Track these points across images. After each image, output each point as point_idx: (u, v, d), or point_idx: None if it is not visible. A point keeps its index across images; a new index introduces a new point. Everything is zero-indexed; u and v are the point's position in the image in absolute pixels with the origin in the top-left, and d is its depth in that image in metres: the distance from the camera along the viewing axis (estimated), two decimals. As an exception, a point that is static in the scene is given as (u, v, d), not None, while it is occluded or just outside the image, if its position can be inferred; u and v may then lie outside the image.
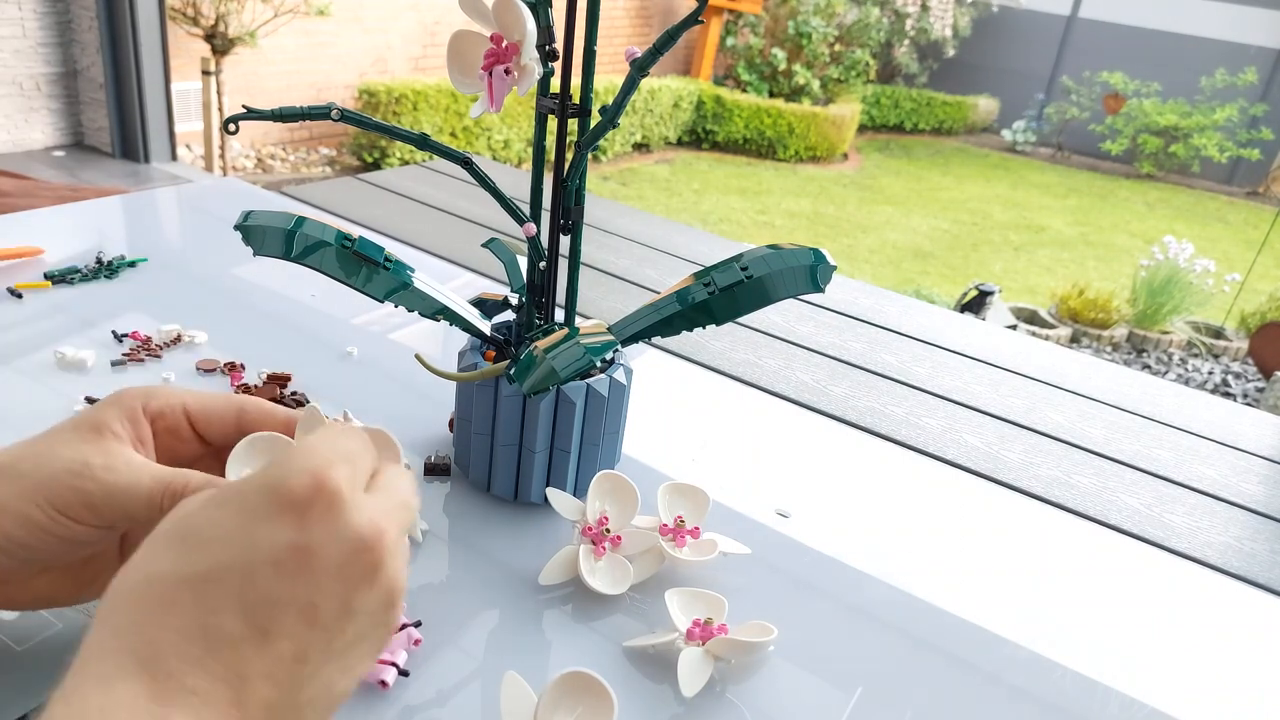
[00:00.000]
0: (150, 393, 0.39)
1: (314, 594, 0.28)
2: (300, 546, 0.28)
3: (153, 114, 3.94)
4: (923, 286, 4.52)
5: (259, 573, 0.28)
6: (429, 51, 5.49)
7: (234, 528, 0.29)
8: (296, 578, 0.28)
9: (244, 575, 0.28)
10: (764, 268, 0.52)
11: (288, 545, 0.28)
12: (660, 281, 1.08)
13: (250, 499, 0.29)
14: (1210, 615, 0.59)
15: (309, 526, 0.29)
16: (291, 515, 0.29)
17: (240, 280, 0.83)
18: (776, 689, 0.46)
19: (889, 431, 0.77)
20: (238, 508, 0.29)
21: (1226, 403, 0.96)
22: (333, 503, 0.29)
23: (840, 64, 7.53)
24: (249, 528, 0.28)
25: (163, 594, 0.27)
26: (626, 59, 0.45)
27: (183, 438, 0.40)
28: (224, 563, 0.28)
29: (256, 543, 0.28)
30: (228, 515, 0.29)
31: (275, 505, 0.29)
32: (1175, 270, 4.14)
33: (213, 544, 0.28)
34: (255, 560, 0.28)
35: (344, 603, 0.29)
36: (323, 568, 0.29)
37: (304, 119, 0.45)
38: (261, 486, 0.29)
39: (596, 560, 0.50)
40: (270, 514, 0.29)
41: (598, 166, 6.02)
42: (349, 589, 0.29)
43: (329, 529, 0.29)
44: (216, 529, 0.29)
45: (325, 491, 0.29)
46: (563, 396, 0.53)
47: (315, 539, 0.29)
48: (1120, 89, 8.16)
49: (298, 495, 0.29)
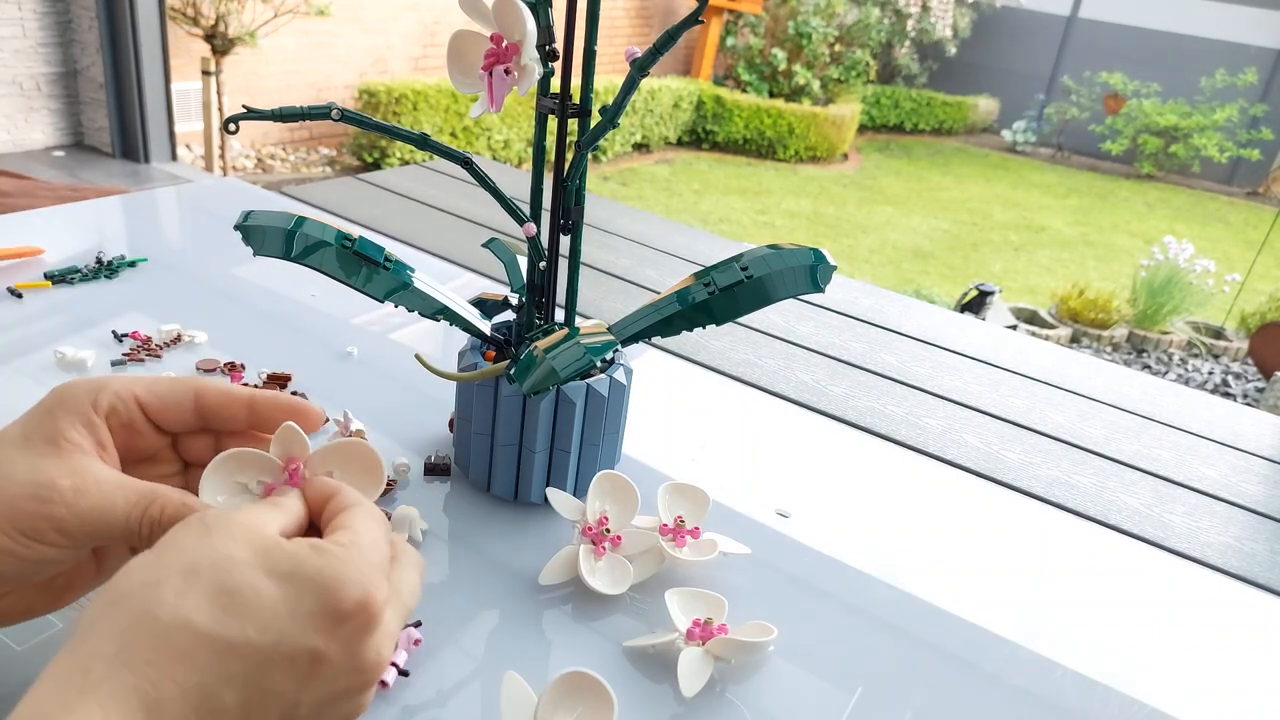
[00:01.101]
0: (98, 386, 0.37)
1: (303, 696, 0.30)
2: (319, 655, 0.29)
3: (153, 114, 3.94)
4: (923, 286, 4.52)
5: (275, 663, 0.29)
6: (429, 51, 5.49)
7: (276, 610, 0.29)
8: (300, 681, 0.29)
9: (263, 660, 0.29)
10: (764, 268, 0.52)
11: (310, 650, 0.29)
12: (660, 281, 1.08)
13: (301, 587, 0.30)
14: (1210, 615, 0.59)
15: (336, 639, 0.30)
16: (329, 622, 0.30)
17: (240, 280, 0.83)
18: (776, 689, 0.46)
19: (889, 431, 0.77)
20: (286, 590, 0.30)
21: (1226, 403, 0.96)
22: (368, 624, 0.30)
23: (840, 64, 7.52)
24: (289, 618, 0.29)
25: (187, 646, 0.28)
26: (626, 59, 0.45)
27: (138, 430, 0.38)
28: (252, 641, 0.28)
29: (288, 634, 0.29)
30: (274, 593, 0.29)
31: (321, 608, 0.30)
32: (1175, 270, 4.14)
33: (251, 618, 0.29)
34: (279, 650, 0.29)
35: (319, 707, 0.30)
36: (323, 678, 0.30)
37: (304, 119, 0.45)
38: (317, 582, 0.30)
39: (596, 560, 0.50)
40: (313, 614, 0.29)
41: (598, 166, 6.02)
42: (330, 701, 0.31)
43: (350, 646, 0.30)
44: (260, 603, 0.29)
45: (368, 612, 0.30)
46: (563, 396, 0.53)
47: (334, 652, 0.30)
48: (1120, 89, 8.16)
49: (344, 608, 0.30)
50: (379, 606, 0.31)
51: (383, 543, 0.33)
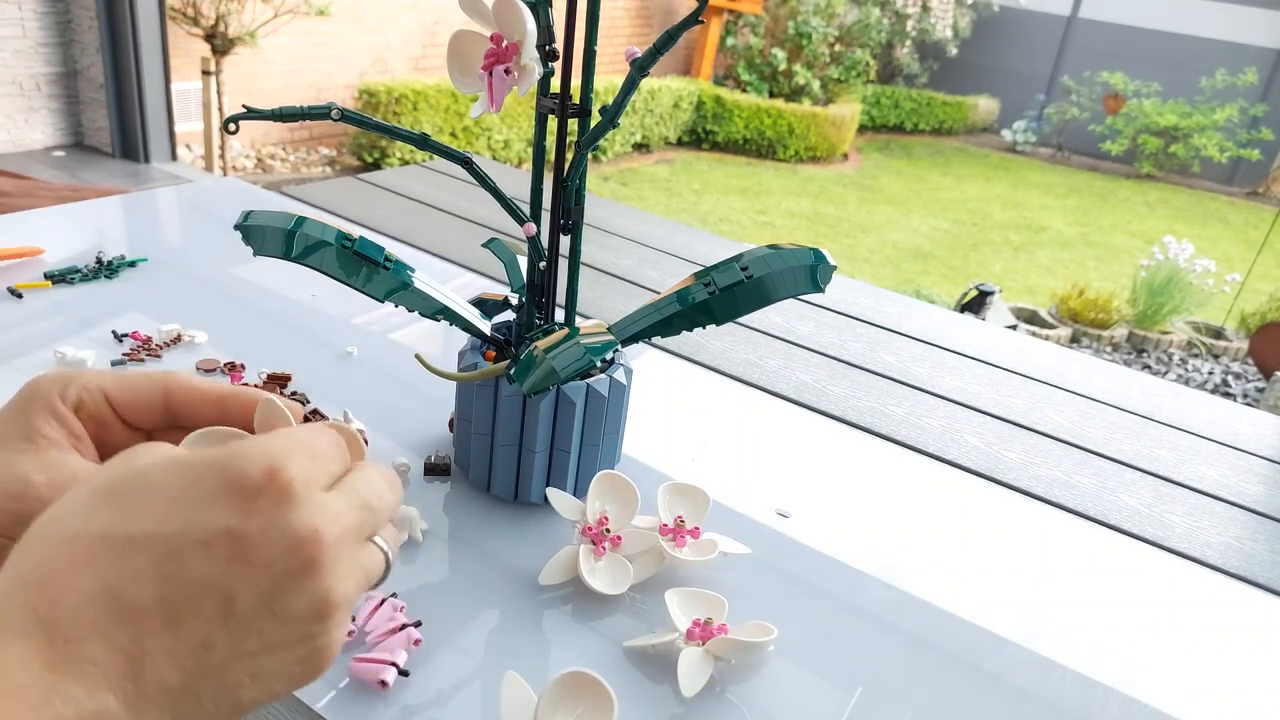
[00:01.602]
0: (65, 380, 0.36)
1: (236, 585, 0.27)
2: (236, 534, 0.27)
3: (153, 114, 3.94)
4: (923, 286, 4.52)
5: (188, 550, 0.27)
6: (429, 51, 5.49)
7: (176, 498, 0.27)
8: (223, 565, 0.27)
9: (171, 549, 0.26)
10: (764, 268, 0.52)
11: (224, 529, 0.27)
12: (660, 281, 1.08)
13: (201, 473, 0.28)
14: (1210, 615, 0.59)
15: (252, 515, 0.27)
16: (238, 499, 0.27)
17: (240, 280, 0.83)
18: (776, 689, 0.46)
19: (889, 431, 0.77)
20: (186, 478, 0.28)
21: (1226, 403, 0.96)
22: (282, 495, 0.28)
23: (840, 64, 7.53)
24: (191, 502, 0.27)
25: (82, 551, 0.26)
26: (626, 59, 0.45)
27: (108, 425, 0.37)
28: (153, 531, 0.27)
29: (194, 519, 0.27)
30: (173, 483, 0.28)
31: (224, 486, 0.27)
32: (1175, 270, 4.14)
33: (150, 509, 0.27)
34: (187, 537, 0.27)
35: (265, 601, 0.27)
36: (252, 560, 0.27)
37: (304, 119, 0.45)
38: (215, 463, 0.28)
39: (596, 560, 0.50)
40: (217, 493, 0.27)
41: (598, 166, 6.02)
42: (274, 588, 0.28)
43: (270, 521, 0.27)
44: (158, 494, 0.27)
45: (278, 482, 0.28)
46: (563, 396, 0.53)
47: (253, 529, 0.27)
48: (1120, 89, 8.16)
49: (250, 480, 0.28)
50: (290, 476, 0.28)
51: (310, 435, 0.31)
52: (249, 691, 0.28)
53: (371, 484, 0.32)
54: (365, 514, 0.31)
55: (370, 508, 0.31)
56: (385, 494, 0.32)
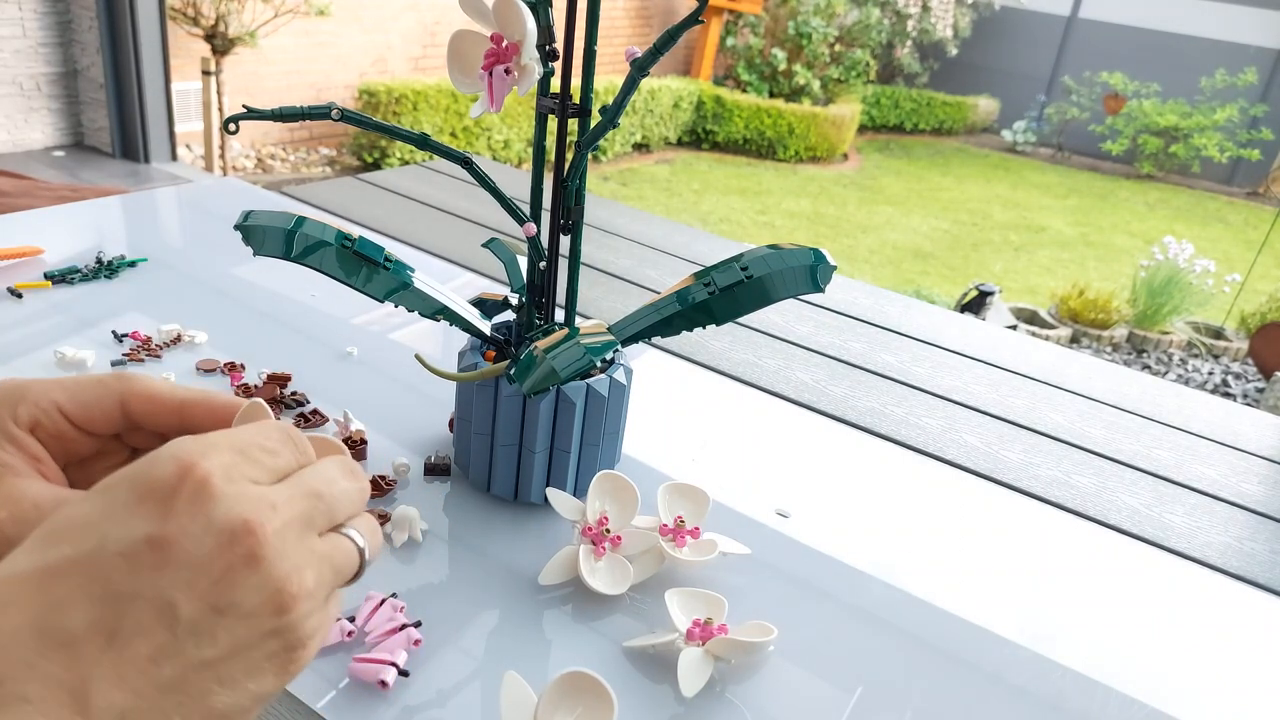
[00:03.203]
0: (16, 398, 0.34)
1: (170, 590, 0.26)
2: (157, 539, 0.26)
3: (153, 114, 3.94)
4: (923, 286, 4.52)
5: (109, 565, 0.25)
6: (429, 51, 5.49)
7: (88, 518, 0.26)
8: (151, 572, 0.26)
9: (92, 568, 0.25)
10: (764, 268, 0.52)
11: (144, 537, 0.26)
12: (660, 281, 1.08)
13: (113, 488, 0.27)
14: (1210, 615, 0.59)
15: (170, 517, 0.26)
16: (152, 505, 0.26)
17: (240, 280, 0.83)
18: (776, 689, 0.46)
19: (889, 431, 0.77)
20: (99, 498, 0.27)
21: (1226, 403, 0.96)
22: (199, 491, 0.26)
23: (840, 64, 7.53)
24: (104, 519, 0.26)
25: (6, 593, 0.25)
26: (626, 59, 0.45)
27: (67, 437, 0.35)
28: (71, 556, 0.25)
29: (109, 534, 0.26)
30: (88, 506, 0.27)
31: (136, 494, 0.26)
32: (1175, 271, 4.14)
33: (67, 537, 0.26)
34: (105, 552, 0.26)
35: (210, 603, 0.26)
36: (182, 562, 0.26)
37: (304, 119, 0.45)
38: (126, 474, 0.27)
39: (596, 560, 0.50)
40: (129, 503, 0.26)
41: (598, 166, 6.02)
42: (215, 587, 0.26)
43: (193, 520, 0.26)
44: (74, 521, 0.26)
45: (191, 480, 0.27)
46: (563, 396, 0.53)
47: (175, 530, 0.26)
48: (1120, 89, 8.16)
49: (159, 483, 0.26)
50: (204, 471, 0.27)
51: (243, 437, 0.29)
52: (223, 698, 0.27)
53: (320, 472, 0.30)
54: (313, 502, 0.29)
55: (318, 494, 0.30)
56: (338, 481, 0.31)
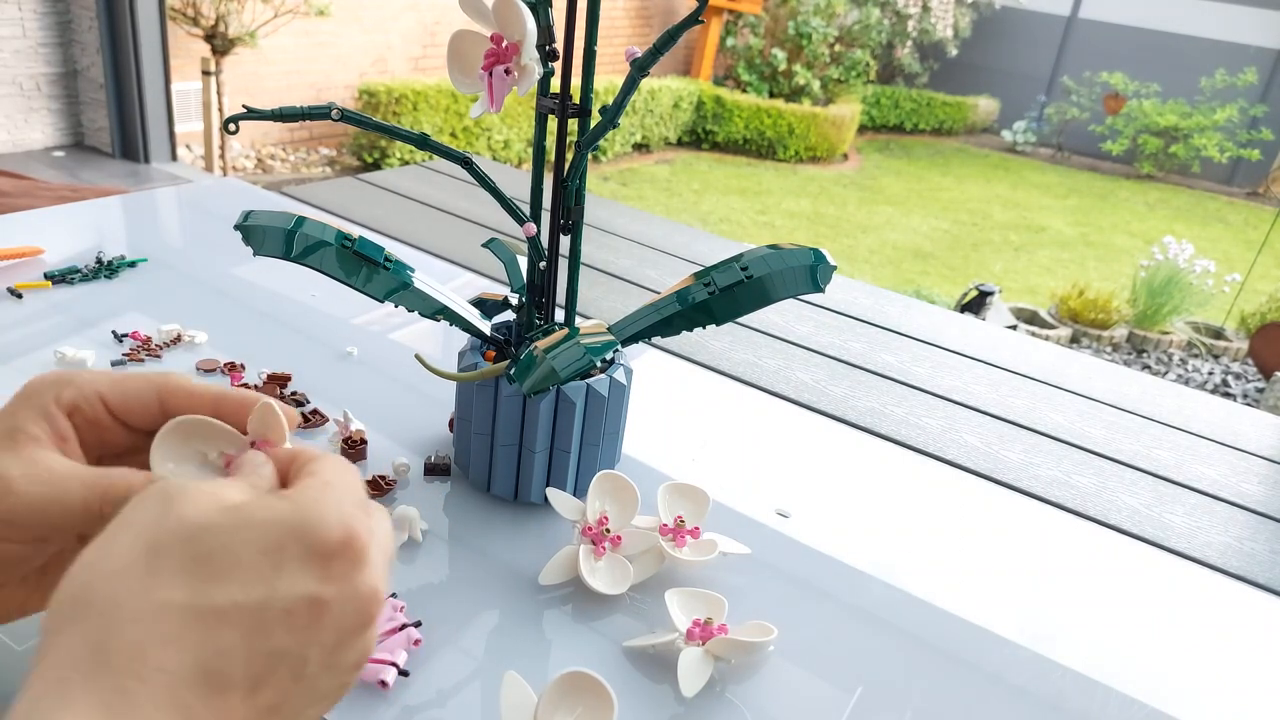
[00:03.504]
0: (62, 382, 0.36)
1: (310, 648, 0.28)
2: (316, 600, 0.28)
3: (153, 114, 3.94)
4: (923, 286, 4.52)
5: (274, 621, 0.27)
6: (429, 51, 5.49)
7: (257, 564, 0.27)
8: (303, 632, 0.27)
9: (257, 622, 0.27)
10: (764, 268, 0.52)
11: (305, 597, 0.27)
12: (660, 281, 1.08)
13: (276, 535, 0.28)
14: (1210, 615, 0.59)
15: (329, 580, 0.28)
16: (317, 565, 0.28)
17: (240, 280, 0.83)
18: (776, 689, 0.46)
19: (889, 431, 0.77)
20: (263, 541, 0.28)
21: (1226, 403, 0.96)
22: (358, 558, 0.29)
23: (840, 64, 7.53)
24: (273, 569, 0.27)
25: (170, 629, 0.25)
26: (626, 59, 0.45)
27: (105, 427, 0.37)
28: (240, 603, 0.26)
29: (277, 588, 0.27)
30: (250, 547, 0.27)
31: (303, 550, 0.28)
32: (1175, 271, 4.14)
33: (232, 577, 0.27)
34: (272, 608, 0.27)
35: (329, 658, 0.28)
36: (328, 625, 0.28)
37: (304, 119, 0.45)
38: (291, 525, 0.28)
39: (596, 560, 0.50)
40: (297, 558, 0.28)
41: (598, 166, 6.02)
42: (337, 646, 0.29)
43: (346, 585, 0.28)
44: (237, 560, 0.27)
45: (354, 546, 0.29)
46: (563, 396, 0.53)
47: (331, 595, 0.28)
48: (1120, 89, 8.16)
49: (329, 545, 0.28)
50: (364, 539, 0.29)
51: (357, 485, 0.32)
52: None
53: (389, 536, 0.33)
54: (390, 562, 0.32)
55: (391, 556, 0.33)
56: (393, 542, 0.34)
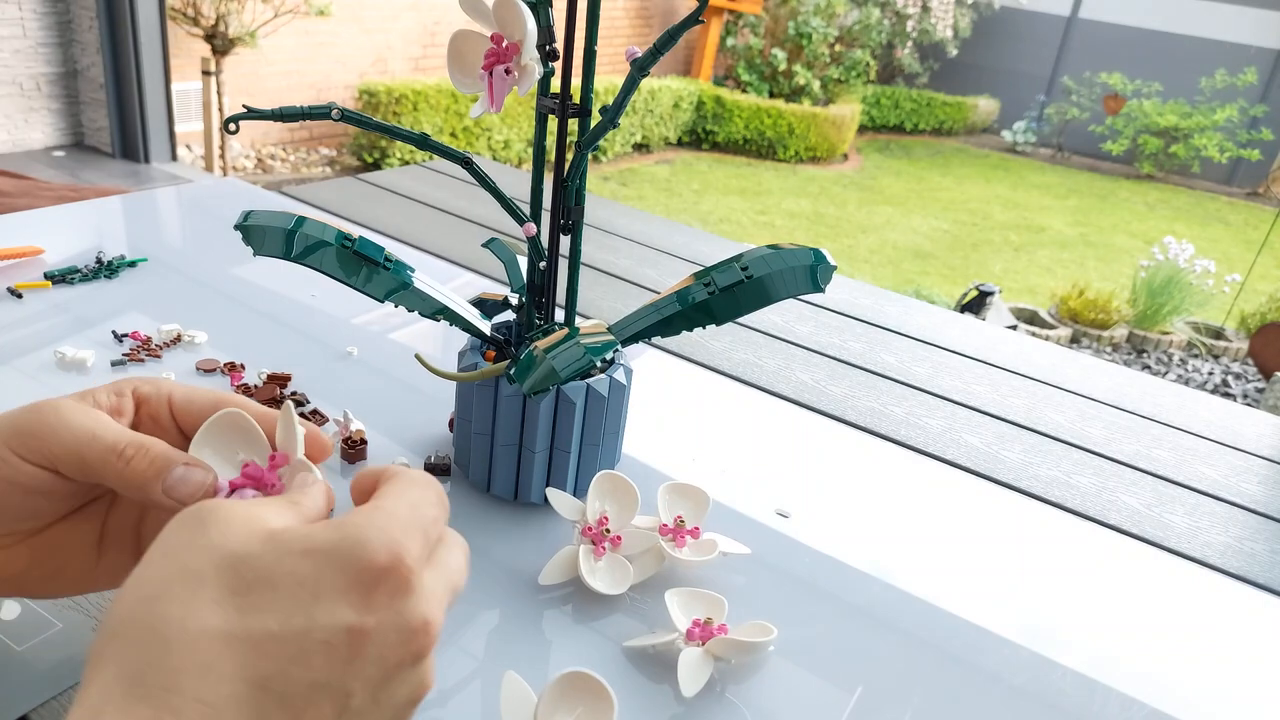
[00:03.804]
0: (144, 379, 0.40)
1: (352, 681, 0.27)
2: (356, 631, 0.27)
3: (153, 114, 3.94)
4: (923, 286, 4.52)
5: (312, 651, 0.26)
6: (429, 51, 5.49)
7: (297, 594, 0.26)
8: (344, 665, 0.26)
9: (296, 651, 0.26)
10: (764, 268, 0.52)
11: (346, 627, 0.26)
12: (660, 281, 1.08)
13: (320, 563, 0.27)
14: (1210, 615, 0.59)
15: (372, 608, 0.27)
16: (357, 593, 0.27)
17: (240, 280, 0.83)
18: (776, 689, 0.46)
19: (889, 431, 0.77)
20: (304, 571, 0.27)
21: (1226, 403, 0.96)
22: (403, 585, 0.28)
23: (840, 64, 7.53)
24: (313, 598, 0.26)
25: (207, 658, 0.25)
26: (627, 59, 0.45)
27: (163, 425, 0.39)
28: (276, 633, 0.26)
29: (317, 617, 0.26)
30: (292, 577, 0.27)
31: (345, 575, 0.27)
32: (1175, 271, 4.14)
33: (273, 603, 0.26)
34: (311, 638, 0.26)
35: (377, 692, 0.27)
36: (370, 657, 0.27)
37: (304, 119, 0.45)
38: (337, 553, 0.27)
39: (596, 560, 0.50)
40: (338, 584, 0.27)
41: (598, 166, 6.02)
42: (384, 680, 0.27)
43: (390, 614, 0.27)
44: (280, 584, 0.26)
45: (399, 572, 0.27)
46: (563, 396, 0.53)
47: (372, 625, 0.27)
48: (1120, 89, 8.16)
49: (370, 573, 0.27)
50: (411, 564, 0.28)
51: (422, 504, 0.30)
52: None
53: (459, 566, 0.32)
54: (453, 595, 0.31)
55: (456, 589, 0.31)
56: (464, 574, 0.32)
